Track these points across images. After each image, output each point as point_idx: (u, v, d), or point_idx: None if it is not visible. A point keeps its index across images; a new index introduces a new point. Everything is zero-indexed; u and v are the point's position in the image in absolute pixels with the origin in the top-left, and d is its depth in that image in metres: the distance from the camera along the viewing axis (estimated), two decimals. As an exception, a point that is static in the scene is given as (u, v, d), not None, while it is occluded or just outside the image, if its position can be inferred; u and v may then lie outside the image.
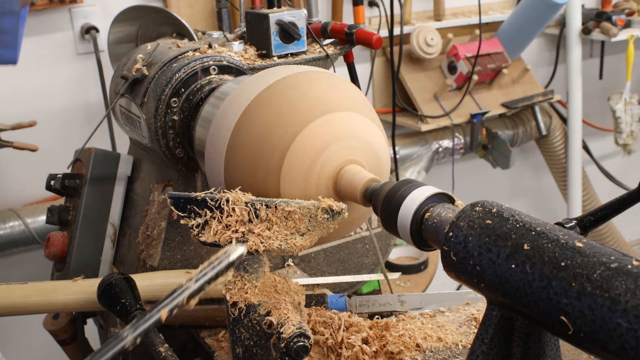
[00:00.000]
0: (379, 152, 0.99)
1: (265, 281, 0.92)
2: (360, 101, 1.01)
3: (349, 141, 0.95)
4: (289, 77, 1.00)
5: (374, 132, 0.99)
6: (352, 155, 0.95)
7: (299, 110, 0.95)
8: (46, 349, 2.27)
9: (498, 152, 3.16)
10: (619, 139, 3.42)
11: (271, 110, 0.96)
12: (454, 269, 0.73)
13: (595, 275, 0.59)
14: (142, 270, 1.34)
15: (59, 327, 1.53)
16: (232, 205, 0.89)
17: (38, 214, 2.33)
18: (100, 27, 2.45)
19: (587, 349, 0.61)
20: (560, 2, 2.89)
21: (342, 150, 0.94)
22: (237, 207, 0.89)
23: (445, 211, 0.79)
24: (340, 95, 0.99)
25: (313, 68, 1.06)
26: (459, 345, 1.06)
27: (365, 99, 1.03)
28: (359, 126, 0.97)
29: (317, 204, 0.89)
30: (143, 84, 1.35)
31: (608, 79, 3.62)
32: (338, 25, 1.48)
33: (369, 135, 0.97)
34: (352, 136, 0.95)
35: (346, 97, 0.99)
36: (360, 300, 1.26)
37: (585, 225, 0.98)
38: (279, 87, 0.98)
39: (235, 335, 0.92)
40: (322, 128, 0.94)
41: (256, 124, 0.96)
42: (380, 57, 3.07)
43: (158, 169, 1.43)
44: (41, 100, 2.48)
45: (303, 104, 0.95)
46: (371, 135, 0.98)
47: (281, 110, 0.95)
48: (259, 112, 0.96)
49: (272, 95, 0.97)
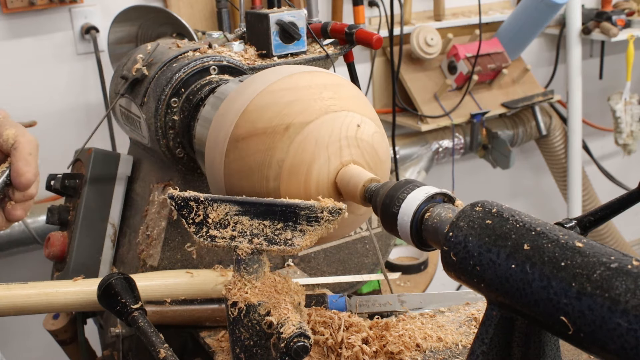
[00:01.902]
0: (379, 152, 0.99)
1: (265, 281, 0.92)
2: (360, 101, 1.01)
3: (349, 141, 0.95)
4: (289, 77, 0.99)
5: (374, 132, 0.99)
6: (352, 155, 0.95)
7: (299, 110, 0.95)
8: (46, 349, 2.27)
9: (498, 152, 3.16)
10: (619, 139, 3.42)
11: (271, 110, 0.96)
12: (454, 269, 0.73)
13: (595, 275, 0.59)
14: (142, 270, 1.34)
15: (59, 327, 1.53)
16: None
17: (38, 214, 2.33)
18: (100, 27, 2.45)
19: (587, 349, 0.61)
20: (560, 2, 2.89)
21: (342, 150, 0.94)
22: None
23: (445, 211, 0.79)
24: (341, 95, 0.99)
25: (313, 68, 1.06)
26: (459, 345, 1.06)
27: (365, 99, 1.03)
28: (376, 137, 0.98)
29: (317, 204, 0.89)
30: (143, 84, 1.35)
31: (608, 79, 3.62)
32: (338, 25, 1.48)
33: (369, 135, 0.97)
34: (352, 136, 0.95)
35: (346, 97, 0.99)
36: (360, 300, 1.26)
37: (585, 225, 0.98)
38: (279, 87, 0.98)
39: (235, 335, 0.92)
40: (322, 128, 0.94)
41: (256, 124, 0.95)
42: (380, 57, 3.07)
43: (158, 169, 1.43)
44: (41, 100, 2.48)
45: (303, 104, 0.95)
46: (371, 135, 0.98)
47: (281, 110, 0.95)
48: (259, 112, 0.96)
49: (272, 95, 0.97)
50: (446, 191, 0.83)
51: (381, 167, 1.00)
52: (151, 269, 1.32)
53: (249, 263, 0.91)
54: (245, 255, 0.91)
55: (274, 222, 0.89)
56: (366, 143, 0.97)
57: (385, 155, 1.01)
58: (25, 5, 2.34)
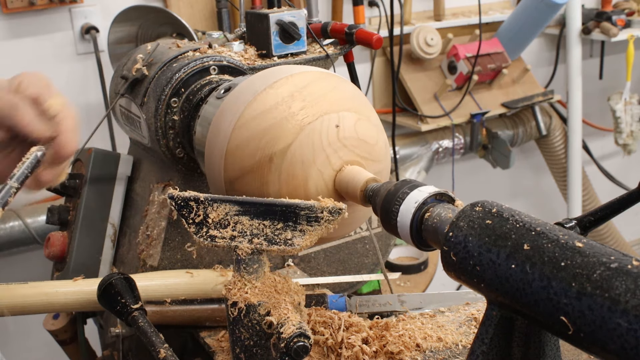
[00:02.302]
0: (367, 139, 0.98)
1: (265, 281, 0.92)
2: (360, 101, 1.01)
3: (334, 146, 0.94)
4: (288, 77, 0.99)
5: (374, 132, 0.99)
6: (341, 158, 0.95)
7: (276, 137, 0.94)
8: (46, 349, 2.27)
9: (498, 152, 3.16)
10: (619, 139, 3.42)
11: (250, 145, 0.95)
12: (454, 269, 0.73)
13: (595, 275, 0.59)
14: (142, 270, 1.34)
15: (59, 327, 1.53)
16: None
17: (38, 214, 2.33)
18: (100, 27, 2.45)
19: (587, 349, 0.61)
20: (560, 2, 2.89)
21: (330, 158, 0.94)
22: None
23: (445, 211, 0.79)
24: (340, 95, 0.98)
25: (313, 68, 1.05)
26: (459, 345, 1.06)
27: (365, 99, 1.03)
28: (359, 126, 0.97)
29: (317, 204, 0.89)
30: (143, 84, 1.35)
31: (608, 79, 3.63)
32: (338, 25, 1.48)
33: (351, 129, 0.96)
34: (334, 140, 0.95)
35: (346, 97, 0.99)
36: (360, 300, 1.26)
37: (585, 225, 0.98)
38: (279, 87, 0.98)
39: (235, 335, 0.92)
40: (303, 146, 0.93)
41: (256, 124, 0.95)
42: (380, 57, 3.07)
43: (158, 169, 1.43)
44: (41, 100, 2.47)
45: (277, 129, 0.94)
46: (353, 128, 0.97)
47: (259, 143, 0.94)
48: (259, 112, 0.96)
49: (272, 95, 0.97)
50: (446, 191, 0.83)
51: (381, 167, 1.00)
52: (151, 269, 1.32)
53: (249, 263, 0.91)
54: (245, 255, 0.91)
55: (274, 222, 0.89)
56: (351, 139, 0.95)
57: (374, 138, 0.99)
58: (25, 5, 2.34)
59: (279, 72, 1.01)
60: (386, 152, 1.02)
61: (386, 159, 1.02)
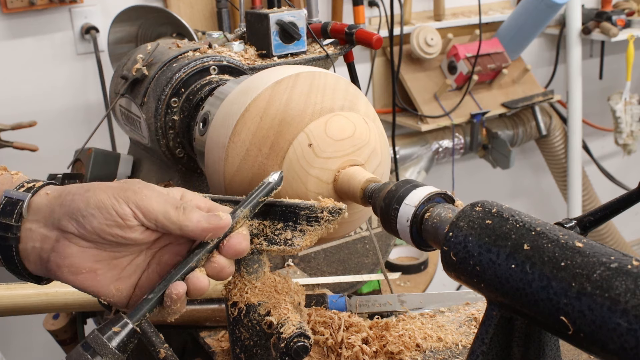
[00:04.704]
0: (379, 152, 0.99)
1: (265, 281, 0.92)
2: (360, 101, 1.01)
3: (349, 141, 0.95)
4: (288, 77, 0.99)
5: (374, 132, 0.99)
6: (352, 155, 0.95)
7: (299, 110, 0.95)
8: (46, 349, 2.27)
9: (498, 152, 3.16)
10: (619, 139, 3.42)
11: (271, 110, 0.95)
12: (454, 269, 0.73)
13: (595, 275, 0.59)
14: (142, 270, 1.34)
15: (59, 327, 1.53)
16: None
17: (38, 214, 2.32)
18: (100, 27, 2.45)
19: (587, 349, 0.61)
20: (560, 2, 2.89)
21: (342, 150, 0.94)
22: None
23: (445, 211, 0.79)
24: (340, 96, 0.98)
25: (313, 68, 1.05)
26: (459, 345, 1.06)
27: (365, 99, 1.03)
28: (359, 126, 0.97)
29: (317, 204, 0.89)
30: (143, 84, 1.35)
31: (608, 79, 3.63)
32: (338, 25, 1.48)
33: (369, 135, 0.97)
34: (352, 136, 0.95)
35: (346, 97, 0.99)
36: (360, 300, 1.26)
37: (585, 225, 0.98)
38: (279, 87, 0.98)
39: (235, 335, 0.92)
40: (322, 128, 0.94)
41: (256, 124, 0.95)
42: (380, 57, 3.07)
43: (158, 169, 1.43)
44: (41, 100, 2.48)
45: (303, 104, 0.95)
46: (371, 135, 0.97)
47: (281, 110, 0.95)
48: (259, 112, 0.96)
49: (272, 96, 0.97)
50: (446, 191, 0.83)
51: (381, 167, 0.99)
52: (151, 269, 1.32)
53: (249, 263, 0.91)
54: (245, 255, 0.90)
55: (274, 222, 0.89)
56: (328, 147, 0.93)
57: (385, 155, 0.99)
58: (25, 5, 2.34)
59: (318, 69, 1.02)
60: (369, 127, 0.98)
61: (373, 134, 0.98)
